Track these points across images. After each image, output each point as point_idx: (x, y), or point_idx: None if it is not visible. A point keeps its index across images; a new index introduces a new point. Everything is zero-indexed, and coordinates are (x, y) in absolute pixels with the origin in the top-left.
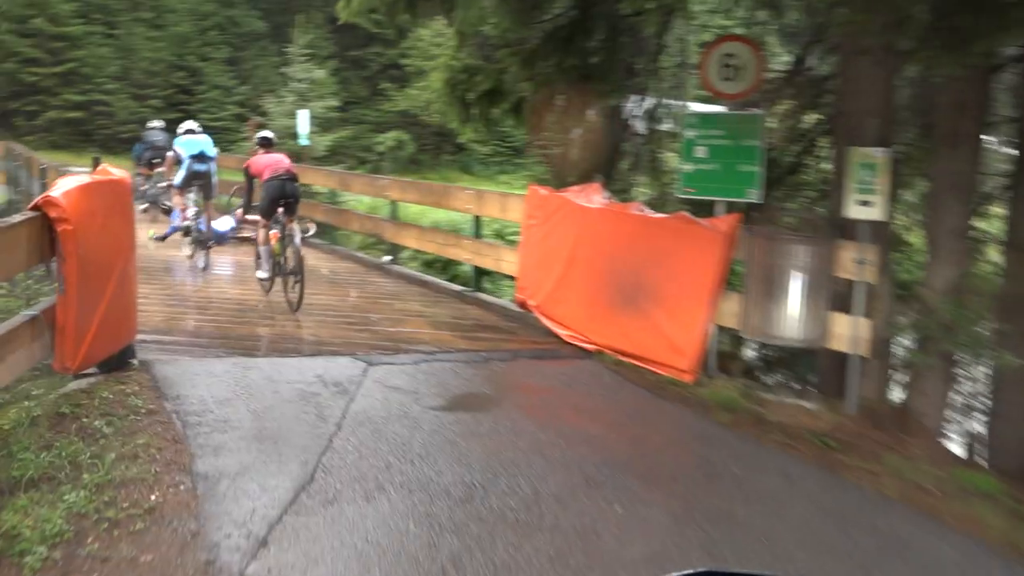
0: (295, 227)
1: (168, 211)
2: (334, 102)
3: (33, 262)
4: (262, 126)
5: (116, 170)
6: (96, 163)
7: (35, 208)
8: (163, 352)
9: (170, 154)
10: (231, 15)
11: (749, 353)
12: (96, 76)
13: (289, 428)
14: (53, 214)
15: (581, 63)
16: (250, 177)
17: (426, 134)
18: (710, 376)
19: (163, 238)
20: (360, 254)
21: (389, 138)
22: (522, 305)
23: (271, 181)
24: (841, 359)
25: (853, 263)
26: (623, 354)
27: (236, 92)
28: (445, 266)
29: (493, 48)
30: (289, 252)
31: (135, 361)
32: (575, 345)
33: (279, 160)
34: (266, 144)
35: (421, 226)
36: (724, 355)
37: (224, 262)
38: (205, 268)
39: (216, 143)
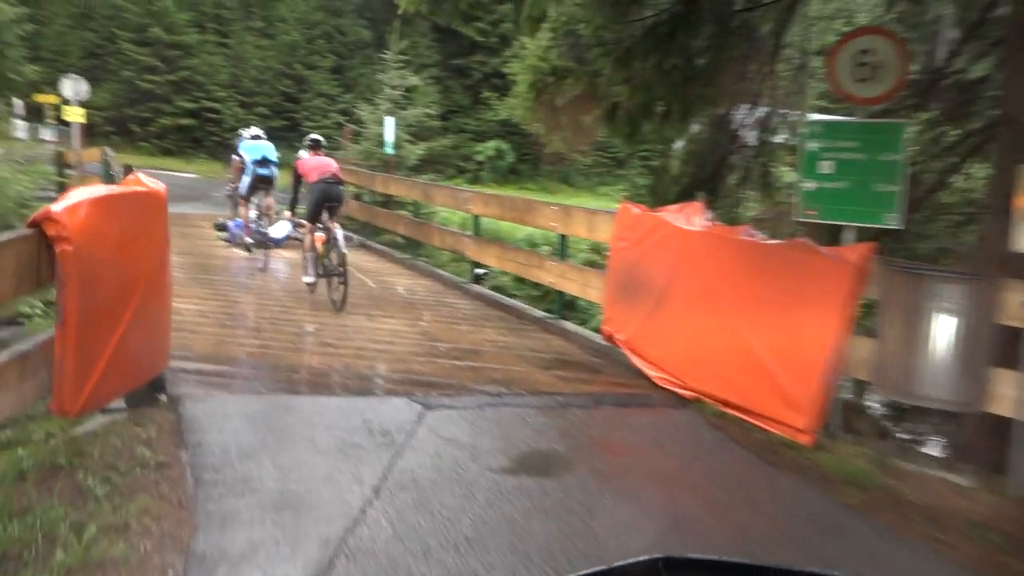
0: (338, 229)
1: (223, 227)
2: (429, 110)
3: (25, 288)
4: (357, 134)
5: (151, 181)
6: (128, 171)
7: (33, 224)
8: (199, 384)
9: (235, 158)
10: (338, 24)
11: (875, 403)
12: (207, 84)
13: (317, 492)
14: (51, 231)
15: (685, 64)
16: (297, 177)
17: (526, 144)
18: (833, 437)
19: (229, 239)
20: (442, 272)
21: (489, 147)
22: (609, 339)
23: (318, 184)
24: (1000, 424)
25: (1022, 307)
26: (726, 404)
27: (340, 100)
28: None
29: (585, 48)
30: (333, 254)
31: (163, 396)
32: (669, 391)
33: (327, 163)
34: (315, 146)
35: (502, 244)
36: (849, 409)
37: (280, 266)
38: (264, 268)
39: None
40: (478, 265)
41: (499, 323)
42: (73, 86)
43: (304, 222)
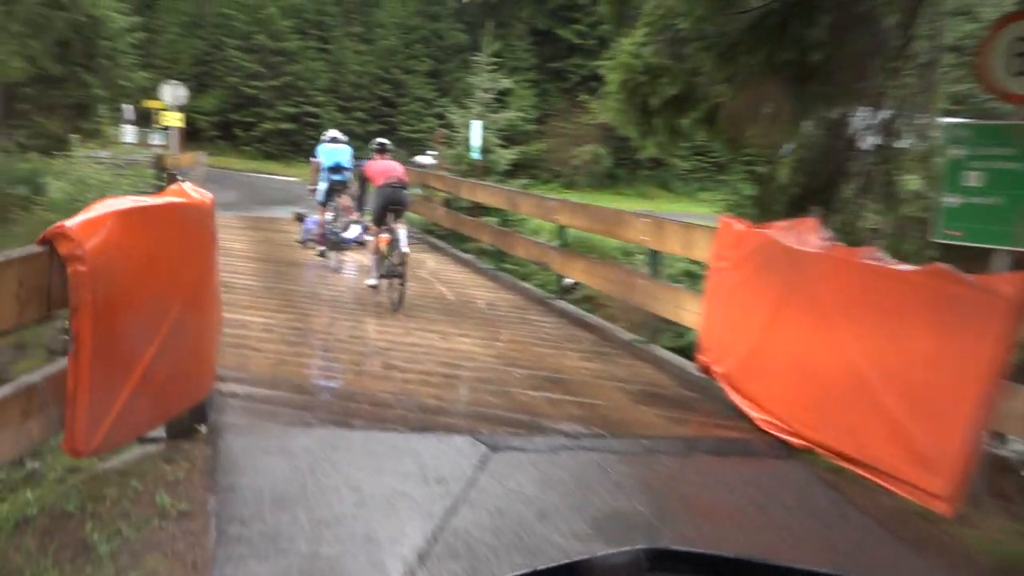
0: (402, 229)
1: (302, 217)
2: (523, 113)
3: (30, 315)
4: (447, 139)
5: (195, 191)
6: (171, 179)
7: (44, 241)
8: (246, 412)
9: (312, 160)
10: (436, 28)
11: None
12: (308, 89)
13: (353, 558)
14: (63, 250)
15: (798, 59)
16: (363, 180)
17: (623, 148)
18: (978, 506)
19: (304, 242)
20: (526, 284)
21: (585, 151)
22: (705, 370)
23: (383, 188)
24: None
25: None
26: (843, 458)
27: (436, 104)
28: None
29: (683, 43)
30: (395, 254)
31: (203, 427)
32: (774, 436)
33: (392, 167)
34: (381, 150)
35: (589, 257)
36: (1000, 472)
37: (351, 270)
38: (336, 270)
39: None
40: (565, 278)
41: (583, 345)
42: (172, 91)
43: (370, 225)
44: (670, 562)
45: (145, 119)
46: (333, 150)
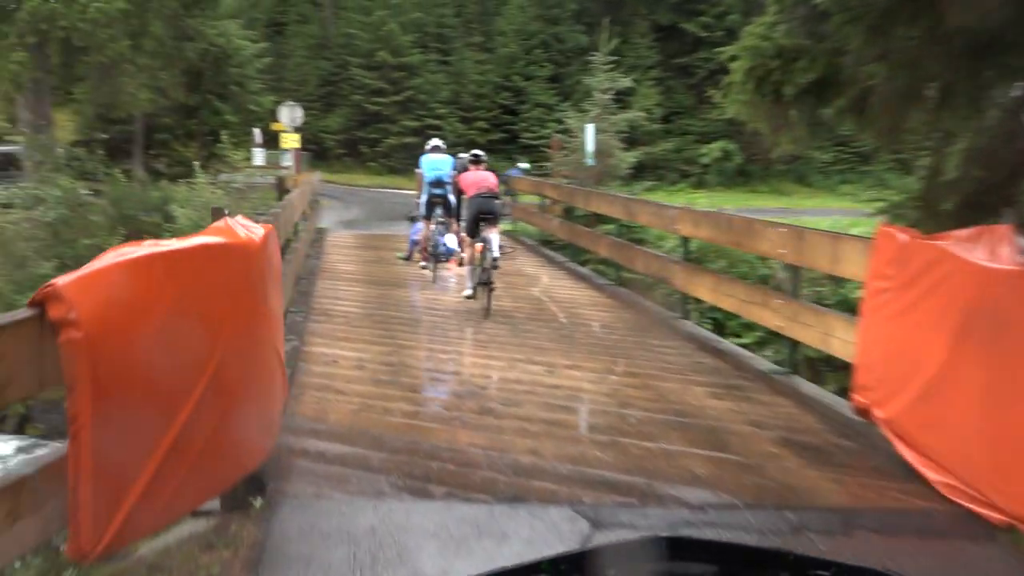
0: (494, 236)
1: (415, 219)
2: (645, 113)
3: (16, 394)
4: (564, 145)
5: (245, 227)
6: (217, 215)
7: (36, 303)
8: (313, 477)
9: (417, 171)
10: (556, 32)
11: None
12: (430, 102)
13: None
14: (55, 314)
15: (971, 27)
16: (459, 192)
17: (755, 142)
18: None
19: (407, 257)
20: (647, 302)
21: (714, 148)
22: (862, 412)
23: (474, 198)
24: None
25: None
26: None
27: (557, 109)
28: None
29: (822, 19)
30: (486, 261)
31: (259, 500)
32: (962, 507)
33: (484, 178)
34: (476, 161)
35: (716, 273)
36: None
37: (452, 285)
38: (439, 286)
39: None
40: (687, 298)
41: (711, 377)
42: (289, 113)
43: (464, 236)
44: (687, 550)
45: (274, 141)
46: (434, 162)
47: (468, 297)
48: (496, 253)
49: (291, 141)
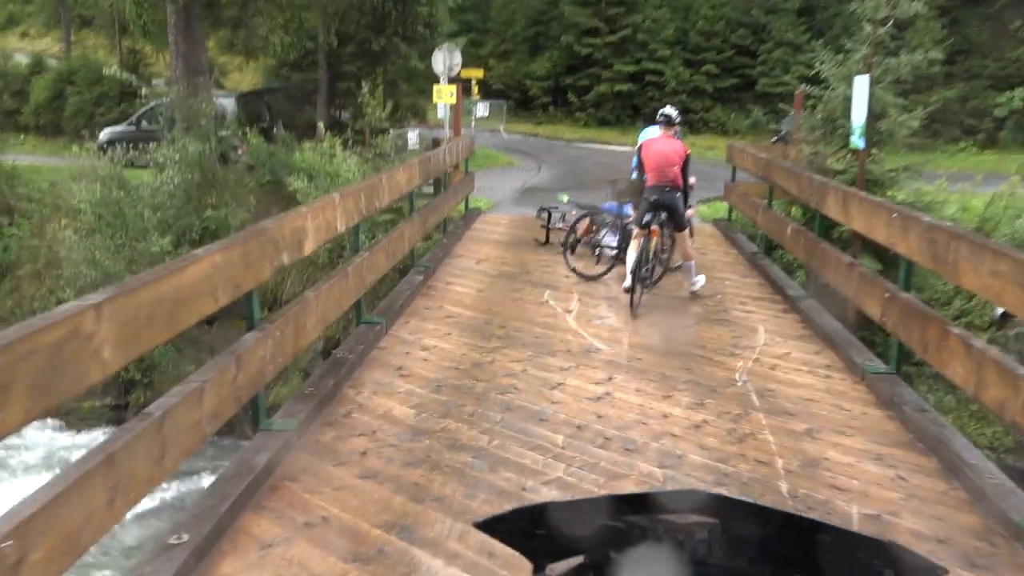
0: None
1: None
2: (933, 54)
3: None
4: (811, 100)
5: None
6: None
7: None
8: None
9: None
10: None
11: None
12: (650, 43)
13: None
14: None
15: None
16: (640, 159)
17: None
18: None
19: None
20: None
21: (1016, 97)
22: None
23: (649, 188)
24: None
25: None
26: None
27: (807, 49)
28: None
29: None
30: (653, 259)
31: None
32: None
33: (666, 157)
34: (666, 124)
35: None
36: None
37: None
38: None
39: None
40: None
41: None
42: (444, 58)
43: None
44: (726, 508)
45: (467, 91)
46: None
47: (625, 289)
48: (661, 265)
49: (445, 95)
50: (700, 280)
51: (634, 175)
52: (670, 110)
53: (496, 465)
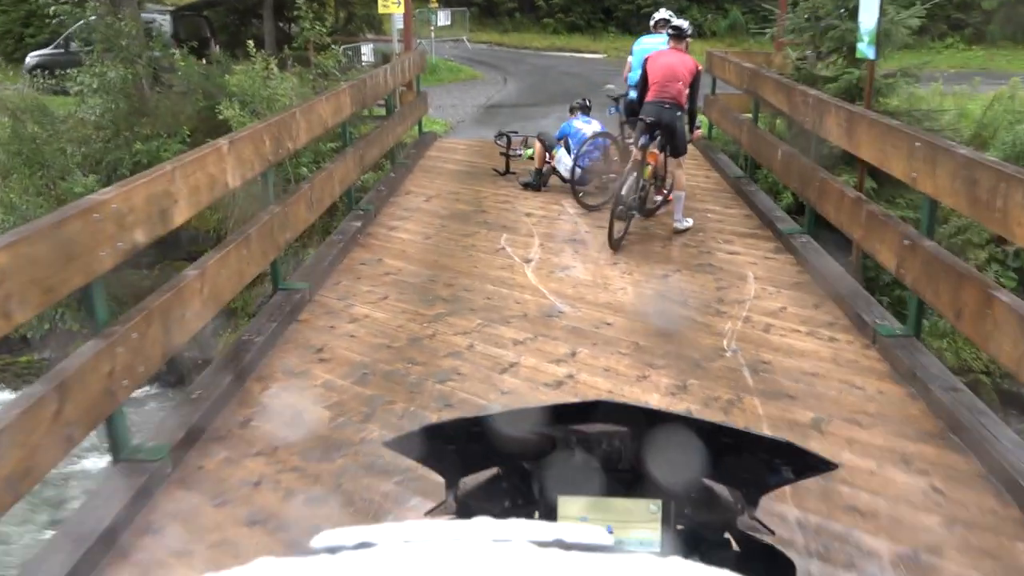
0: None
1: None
2: None
3: None
4: None
5: None
6: None
7: None
8: None
9: (629, 59)
10: None
11: None
12: None
13: None
14: None
15: None
16: (644, 73)
17: None
18: None
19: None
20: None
21: None
22: None
23: (650, 105)
24: None
25: None
26: None
27: None
28: None
29: None
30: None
31: None
32: None
33: (673, 71)
34: (676, 36)
35: None
36: None
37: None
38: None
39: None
40: None
41: None
42: None
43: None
44: (621, 413)
45: None
46: (649, 49)
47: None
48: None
49: (392, 4)
50: (687, 221)
51: (632, 94)
52: (680, 21)
53: (428, 491)
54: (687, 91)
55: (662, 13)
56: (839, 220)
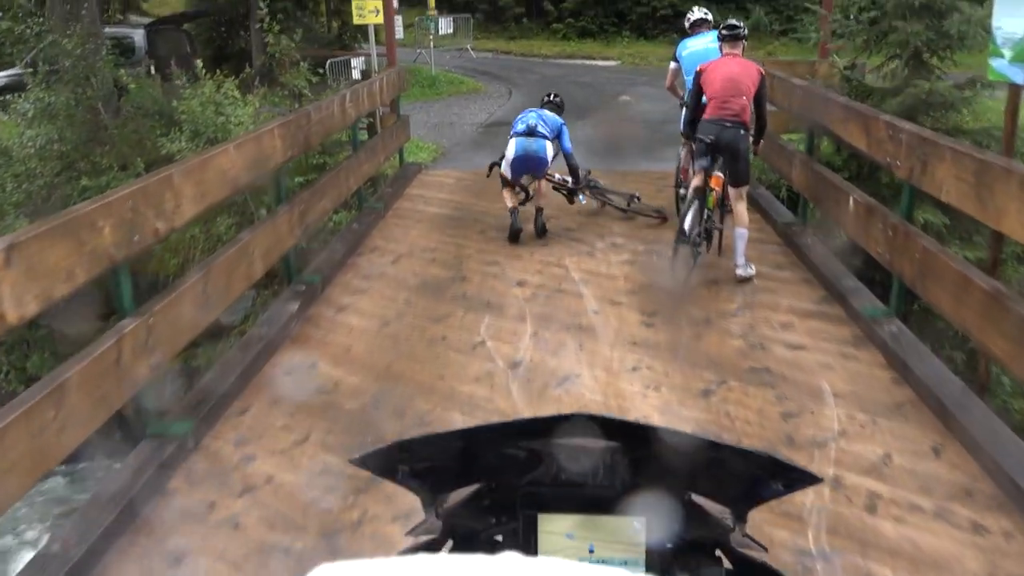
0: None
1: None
2: None
3: None
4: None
5: None
6: None
7: None
8: None
9: (672, 65)
10: None
11: None
12: None
13: None
14: None
15: None
16: (698, 87)
17: None
18: None
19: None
20: None
21: None
22: None
23: (709, 123)
24: None
25: None
26: None
27: None
28: None
29: None
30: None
31: None
32: None
33: (735, 83)
34: (732, 38)
35: None
36: None
37: None
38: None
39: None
40: None
41: None
42: None
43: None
44: (622, 432)
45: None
46: (699, 52)
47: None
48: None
49: (368, 10)
50: (751, 268)
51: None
52: (735, 22)
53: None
54: (751, 106)
55: (698, 13)
56: (961, 318)
